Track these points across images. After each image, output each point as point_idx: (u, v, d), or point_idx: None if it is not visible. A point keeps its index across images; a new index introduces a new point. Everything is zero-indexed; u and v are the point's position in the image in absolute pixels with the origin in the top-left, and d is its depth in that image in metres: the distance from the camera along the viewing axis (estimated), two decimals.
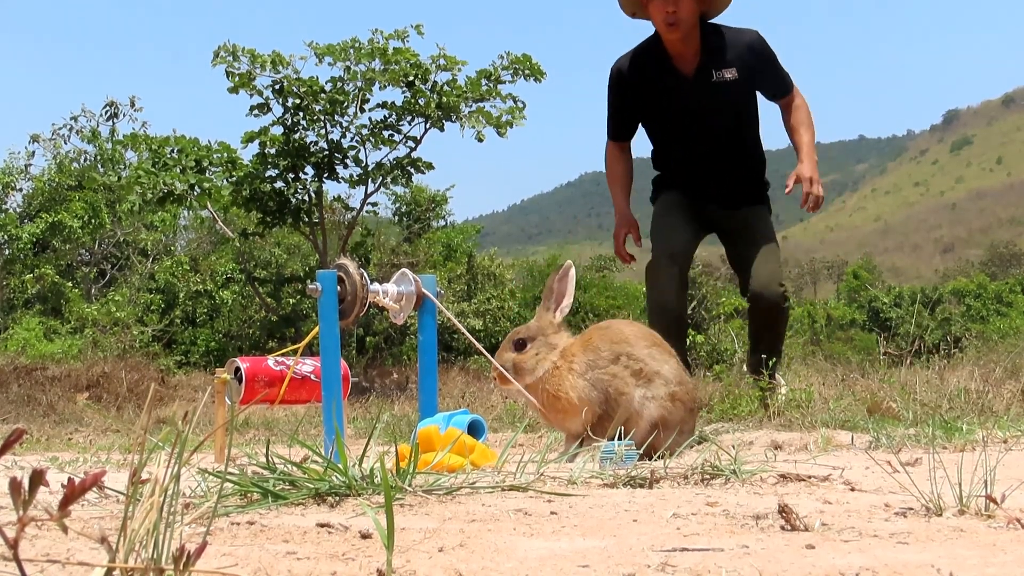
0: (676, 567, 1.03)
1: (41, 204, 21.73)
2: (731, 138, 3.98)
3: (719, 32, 3.87)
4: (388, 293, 2.81)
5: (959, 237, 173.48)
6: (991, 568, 1.01)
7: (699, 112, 3.89)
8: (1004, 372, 4.72)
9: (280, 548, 1.15)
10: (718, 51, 3.84)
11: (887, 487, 1.65)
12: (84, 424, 6.89)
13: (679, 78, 3.87)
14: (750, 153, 4.07)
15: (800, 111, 3.98)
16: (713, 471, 1.79)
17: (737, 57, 3.84)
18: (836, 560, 1.05)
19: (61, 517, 0.75)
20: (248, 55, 11.64)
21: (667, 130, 4.05)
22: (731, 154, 4.00)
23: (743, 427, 3.29)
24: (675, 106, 3.91)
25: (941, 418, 3.07)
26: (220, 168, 12.35)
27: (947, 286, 35.36)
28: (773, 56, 3.94)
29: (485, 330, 18.63)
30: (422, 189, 23.12)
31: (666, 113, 3.97)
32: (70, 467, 2.99)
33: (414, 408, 5.21)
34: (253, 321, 20.65)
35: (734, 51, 3.84)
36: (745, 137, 4.03)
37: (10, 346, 16.84)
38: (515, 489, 1.64)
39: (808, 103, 4.03)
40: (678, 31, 3.77)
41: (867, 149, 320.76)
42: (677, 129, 3.99)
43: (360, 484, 1.54)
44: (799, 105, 3.99)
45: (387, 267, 18.86)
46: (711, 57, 3.83)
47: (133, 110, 24.32)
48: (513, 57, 12.01)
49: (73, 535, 1.20)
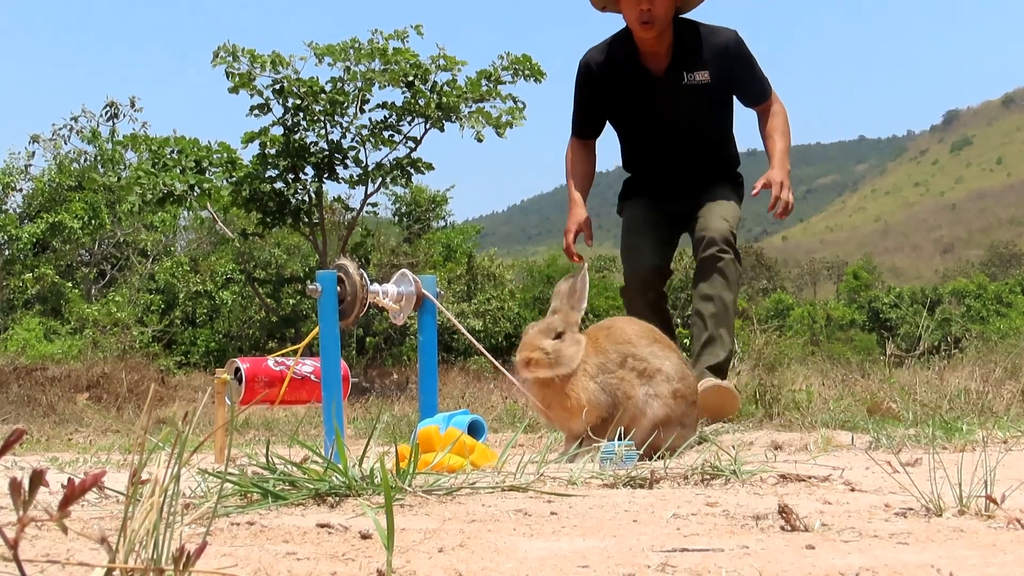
0: (676, 567, 1.03)
1: (41, 204, 21.75)
2: (700, 141, 3.77)
3: (694, 30, 3.64)
4: (388, 293, 2.81)
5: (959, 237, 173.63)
6: (991, 568, 1.01)
7: (666, 114, 3.68)
8: (1004, 372, 4.72)
9: (280, 548, 1.15)
10: (691, 51, 3.61)
11: (887, 487, 1.65)
12: (84, 424, 6.89)
13: (648, 77, 3.65)
14: (720, 155, 3.85)
15: (776, 118, 3.73)
16: (713, 471, 1.79)
17: (711, 59, 3.61)
18: (836, 560, 1.05)
19: (61, 517, 0.75)
20: (248, 55, 11.66)
21: (633, 130, 3.84)
22: (699, 157, 3.79)
23: (743, 427, 3.29)
24: (642, 106, 3.70)
25: (941, 418, 3.07)
26: (220, 168, 12.36)
27: (947, 286, 35.37)
28: (751, 59, 3.70)
29: (485, 330, 18.65)
30: (422, 189, 23.14)
31: (632, 113, 3.76)
32: (70, 467, 2.99)
33: (414, 408, 5.21)
34: (253, 321, 20.66)
35: (709, 52, 3.61)
36: (715, 140, 3.82)
37: (10, 346, 16.86)
38: (515, 489, 1.64)
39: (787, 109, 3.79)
40: (653, 29, 3.55)
41: (867, 149, 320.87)
42: (643, 130, 3.79)
43: (360, 484, 1.54)
44: (776, 112, 3.74)
45: (387, 267, 18.87)
46: (683, 58, 3.61)
47: (133, 110, 24.37)
48: (513, 57, 12.02)
49: (73, 535, 1.20)
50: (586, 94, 3.78)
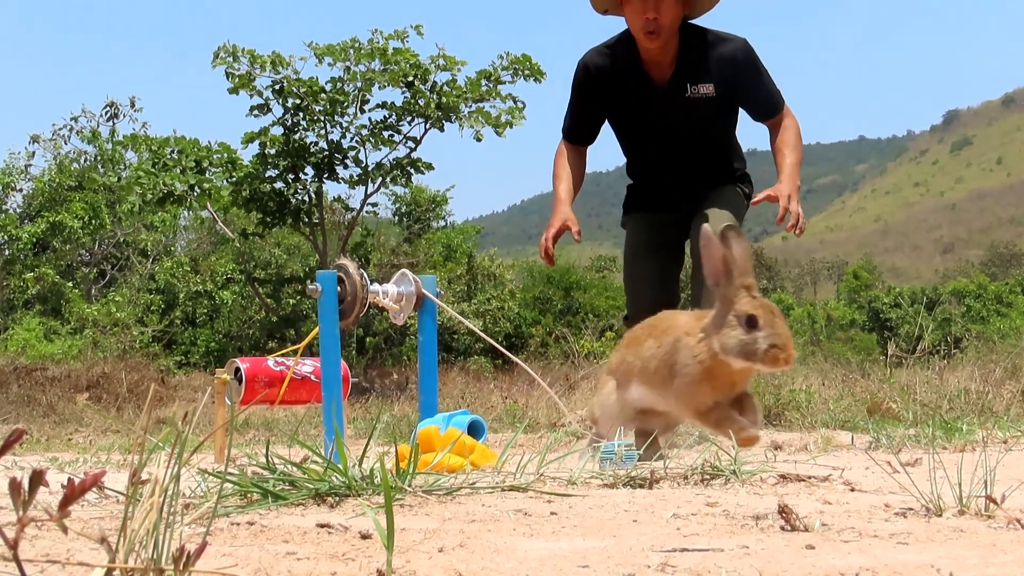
0: (676, 567, 1.03)
1: (41, 204, 21.76)
2: (701, 151, 3.59)
3: (702, 38, 3.44)
4: (388, 293, 2.82)
5: (959, 237, 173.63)
6: (991, 568, 1.01)
7: (666, 124, 3.51)
8: (1004, 372, 4.73)
9: (280, 548, 1.15)
10: (697, 62, 3.41)
11: (887, 487, 1.65)
12: (84, 424, 6.89)
13: (649, 86, 3.47)
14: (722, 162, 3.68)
15: (788, 132, 3.51)
16: (713, 471, 1.79)
17: (718, 70, 3.41)
18: (836, 560, 1.05)
19: (61, 517, 0.75)
20: (248, 56, 11.66)
21: (632, 137, 3.67)
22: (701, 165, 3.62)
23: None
24: (642, 114, 3.53)
25: (941, 418, 3.07)
26: (220, 168, 12.37)
27: (947, 286, 35.37)
28: (761, 70, 3.49)
29: (485, 330, 18.64)
30: (422, 189, 23.14)
31: (631, 120, 3.58)
32: (70, 467, 3.00)
33: (414, 408, 5.21)
34: (253, 322, 20.67)
35: (715, 63, 3.41)
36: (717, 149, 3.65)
37: (10, 346, 16.86)
38: (515, 489, 1.64)
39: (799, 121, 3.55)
40: (658, 39, 3.35)
41: (867, 149, 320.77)
42: (642, 137, 3.62)
43: (360, 484, 1.54)
44: (788, 126, 3.51)
45: (387, 267, 18.87)
46: (688, 68, 3.42)
47: (133, 110, 24.36)
48: (513, 57, 12.02)
49: (73, 535, 1.20)
50: (583, 97, 3.60)
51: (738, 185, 3.72)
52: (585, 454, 2.26)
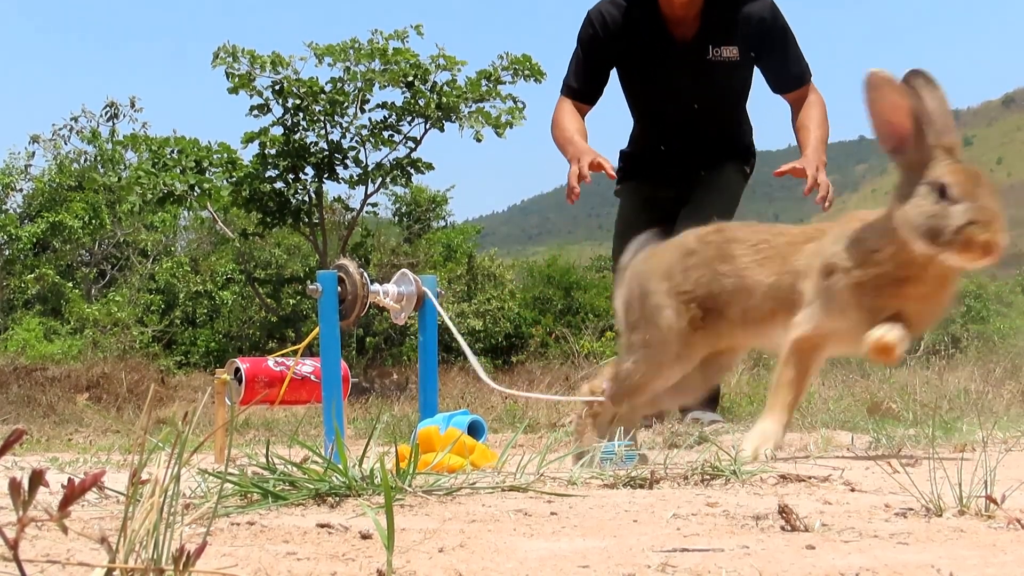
0: (676, 567, 1.03)
1: (41, 204, 21.74)
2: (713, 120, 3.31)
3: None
4: (388, 293, 2.81)
5: None
6: (991, 568, 1.01)
7: (681, 89, 3.23)
8: (1004, 372, 4.73)
9: (280, 548, 1.15)
10: (722, 21, 3.12)
11: (887, 487, 1.65)
12: (84, 425, 6.89)
13: (668, 45, 3.15)
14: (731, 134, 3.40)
15: (814, 107, 3.18)
16: (713, 471, 1.79)
17: (744, 32, 3.12)
18: (836, 560, 1.05)
19: (61, 517, 0.75)
20: (248, 56, 11.67)
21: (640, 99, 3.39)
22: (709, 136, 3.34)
23: (743, 427, 3.29)
24: (656, 76, 3.23)
25: (941, 418, 3.07)
26: (220, 169, 12.37)
27: None
28: (790, 36, 3.15)
29: (485, 330, 18.65)
30: (422, 189, 23.12)
31: (643, 80, 3.29)
32: (70, 467, 3.00)
33: (414, 408, 5.21)
34: (253, 322, 20.65)
35: (743, 23, 3.11)
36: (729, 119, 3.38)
37: (10, 346, 16.86)
38: (515, 489, 1.64)
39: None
40: None
41: (867, 149, 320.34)
42: (652, 101, 3.34)
43: (360, 484, 1.54)
44: (813, 102, 3.18)
45: (387, 267, 18.85)
46: (713, 27, 3.12)
47: (133, 110, 24.32)
48: (513, 57, 12.02)
49: (73, 535, 1.20)
50: (591, 52, 3.26)
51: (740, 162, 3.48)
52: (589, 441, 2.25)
